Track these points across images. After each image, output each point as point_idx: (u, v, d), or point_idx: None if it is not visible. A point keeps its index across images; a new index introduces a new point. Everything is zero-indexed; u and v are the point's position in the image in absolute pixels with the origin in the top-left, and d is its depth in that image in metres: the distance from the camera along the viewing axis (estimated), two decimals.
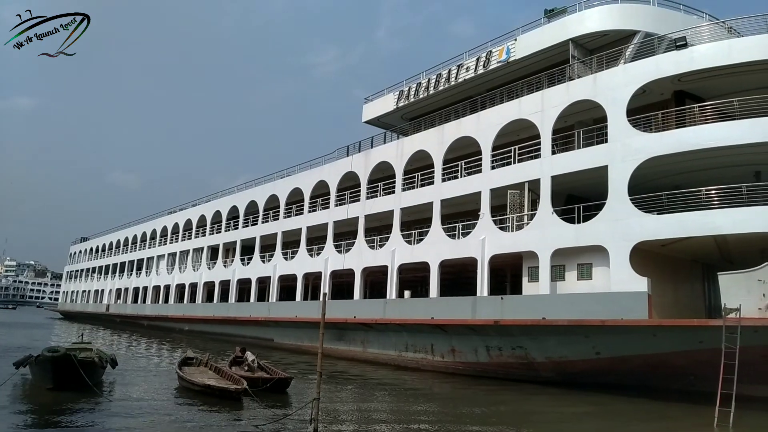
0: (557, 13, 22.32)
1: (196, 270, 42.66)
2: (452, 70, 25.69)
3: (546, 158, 20.16)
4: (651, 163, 17.44)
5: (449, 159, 24.22)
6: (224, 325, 36.98)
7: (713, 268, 18.10)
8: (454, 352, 21.81)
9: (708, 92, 18.69)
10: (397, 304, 24.46)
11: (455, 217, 24.10)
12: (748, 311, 14.14)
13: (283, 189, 34.72)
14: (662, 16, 20.50)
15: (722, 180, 16.93)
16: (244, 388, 13.61)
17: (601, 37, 21.10)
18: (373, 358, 25.31)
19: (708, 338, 14.59)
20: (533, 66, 22.88)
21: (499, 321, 19.39)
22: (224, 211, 40.81)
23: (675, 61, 17.82)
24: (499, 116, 22.24)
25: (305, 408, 11.19)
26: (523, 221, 20.61)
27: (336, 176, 30.39)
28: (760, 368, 14.15)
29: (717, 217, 16.09)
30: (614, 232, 17.57)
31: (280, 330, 31.72)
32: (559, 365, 18.84)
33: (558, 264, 19.17)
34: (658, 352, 16.31)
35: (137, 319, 50.17)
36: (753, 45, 17.07)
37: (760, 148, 16.33)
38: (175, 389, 15.31)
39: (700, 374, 14.60)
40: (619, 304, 16.77)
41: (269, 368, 16.96)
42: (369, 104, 31.43)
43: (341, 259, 28.50)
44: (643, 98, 18.82)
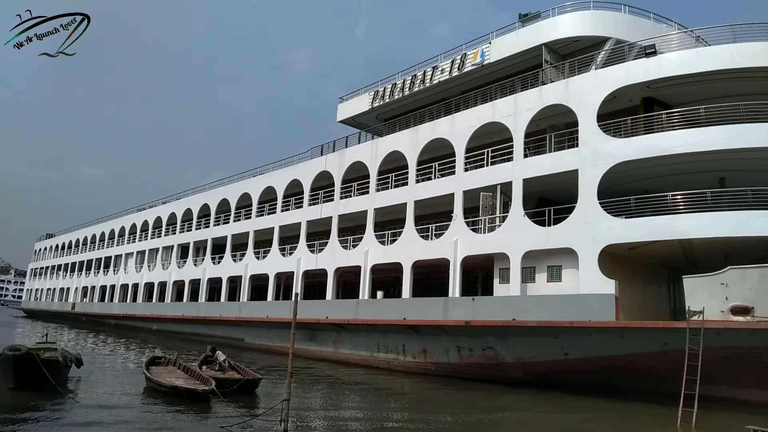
0: (531, 17, 22.58)
1: (166, 268, 41.99)
2: (427, 72, 25.80)
3: (518, 161, 20.39)
4: (620, 168, 17.78)
5: (423, 160, 24.32)
6: (194, 325, 36.46)
7: (679, 271, 18.55)
8: (426, 353, 21.90)
9: (676, 99, 19.13)
10: (370, 305, 24.45)
11: (429, 218, 24.21)
12: (711, 314, 14.51)
13: (256, 187, 34.41)
14: (633, 24, 20.91)
15: (688, 185, 17.35)
16: (212, 388, 13.43)
17: (573, 43, 21.43)
18: (345, 359, 25.25)
19: (673, 340, 14.93)
20: (507, 69, 23.11)
21: (471, 322, 19.53)
22: (195, 208, 40.26)
23: (644, 68, 18.20)
24: (473, 119, 22.41)
25: (275, 409, 11.11)
26: (495, 223, 20.81)
27: (310, 175, 30.24)
28: (722, 369, 14.55)
29: (683, 222, 16.48)
30: (583, 235, 17.86)
31: (251, 330, 31.42)
32: (528, 366, 19.07)
33: (528, 266, 19.40)
34: (624, 353, 16.63)
35: (104, 318, 49.15)
36: (719, 54, 17.53)
37: (724, 155, 16.78)
38: (142, 390, 15.03)
39: (665, 375, 14.94)
40: (587, 306, 17.05)
41: (240, 368, 16.78)
42: (344, 104, 31.35)
43: (314, 259, 28.37)
44: (614, 104, 19.17)
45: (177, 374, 16.18)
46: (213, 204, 38.27)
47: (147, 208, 49.45)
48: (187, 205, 41.59)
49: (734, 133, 16.38)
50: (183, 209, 41.92)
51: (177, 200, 44.46)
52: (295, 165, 32.32)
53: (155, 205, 48.27)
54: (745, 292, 14.65)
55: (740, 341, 14.82)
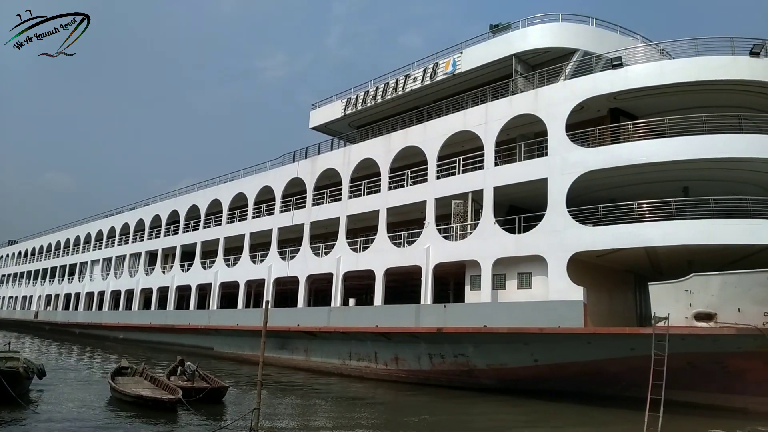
0: (502, 28, 22.93)
1: (133, 276, 41.14)
2: (400, 80, 25.95)
3: (489, 170, 20.61)
4: (588, 177, 18.12)
5: (396, 168, 24.40)
6: (162, 334, 35.75)
7: (644, 278, 18.94)
8: (398, 360, 21.89)
9: (641, 110, 19.61)
10: (342, 312, 24.35)
11: (401, 225, 24.26)
12: (676, 320, 14.86)
13: (227, 194, 34.02)
14: (600, 36, 21.40)
15: (653, 194, 17.77)
16: (179, 398, 13.19)
17: (542, 54, 21.82)
18: (316, 367, 25.07)
19: (639, 345, 15.22)
20: (478, 79, 23.40)
21: (442, 329, 19.61)
22: (164, 215, 39.59)
23: (611, 79, 18.62)
24: (445, 127, 22.60)
25: (244, 418, 10.97)
26: (467, 231, 20.97)
27: (281, 182, 30.05)
28: (686, 374, 14.89)
29: (648, 230, 16.86)
30: (552, 243, 18.13)
31: (221, 338, 30.97)
32: (499, 372, 19.22)
33: (499, 273, 19.59)
34: (592, 359, 16.90)
35: (68, 327, 47.84)
36: (683, 67, 18.04)
37: (688, 165, 17.25)
38: (107, 400, 14.70)
39: (632, 380, 15.19)
40: (556, 313, 17.29)
41: (209, 377, 16.53)
42: (316, 110, 31.28)
43: (285, 266, 28.15)
44: (582, 114, 19.54)
45: (144, 384, 15.86)
46: (182, 210, 37.68)
47: (114, 214, 48.44)
48: (156, 212, 40.87)
49: (697, 144, 16.85)
50: (151, 215, 41.18)
51: (145, 206, 43.66)
52: (267, 171, 32.07)
53: (123, 211, 47.32)
54: (708, 299, 15.05)
55: (704, 347, 15.20)
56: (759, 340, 14.39)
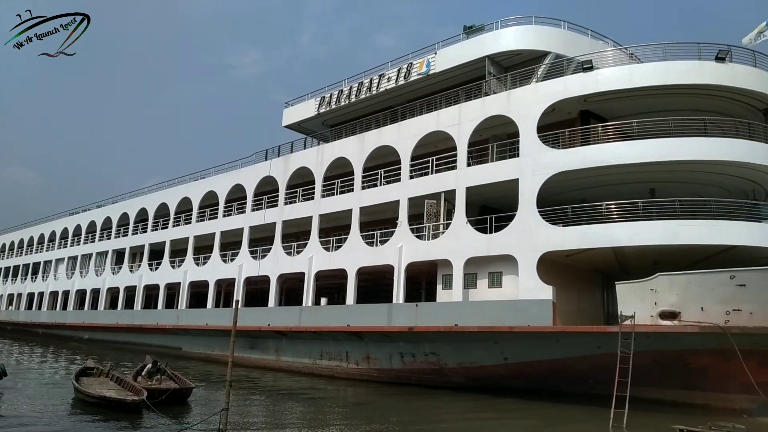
0: (475, 30, 23.08)
1: (99, 275, 40.24)
2: (374, 80, 25.91)
3: (462, 170, 20.74)
4: (558, 178, 18.36)
5: (369, 167, 24.36)
6: (129, 334, 35.05)
7: (612, 277, 19.26)
8: (369, 359, 21.86)
9: (610, 113, 19.96)
10: (313, 312, 24.21)
11: (374, 224, 24.23)
12: (641, 318, 15.18)
13: (197, 192, 33.50)
14: (571, 40, 21.70)
15: (621, 195, 18.11)
16: (142, 399, 12.91)
17: (515, 56, 22.03)
18: (287, 367, 24.88)
19: (606, 344, 15.50)
20: (452, 80, 23.51)
21: (414, 328, 19.65)
22: (132, 213, 38.79)
23: (581, 82, 18.90)
24: (419, 127, 22.65)
25: (212, 419, 10.81)
26: (439, 230, 21.05)
27: (253, 180, 29.73)
28: (651, 372, 15.19)
29: (616, 230, 17.17)
30: (523, 243, 18.32)
31: (190, 338, 30.49)
32: (469, 371, 19.34)
33: (470, 272, 19.72)
34: (561, 357, 17.13)
35: (31, 327, 46.54)
36: (651, 71, 18.42)
37: (654, 167, 17.63)
38: (71, 402, 14.32)
39: (599, 378, 15.46)
40: (526, 312, 17.47)
41: (178, 377, 16.25)
42: (290, 108, 31.04)
43: (256, 265, 27.87)
44: (553, 116, 19.79)
45: (109, 385, 15.52)
46: (151, 208, 36.99)
47: (81, 211, 47.30)
48: (124, 209, 40.04)
49: (664, 146, 17.23)
50: (119, 213, 40.33)
51: (113, 204, 42.74)
52: (238, 169, 31.69)
53: (89, 208, 46.23)
54: (672, 298, 15.39)
55: (668, 345, 15.54)
56: (721, 339, 14.76)
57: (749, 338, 14.67)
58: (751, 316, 14.70)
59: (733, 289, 14.79)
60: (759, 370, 14.86)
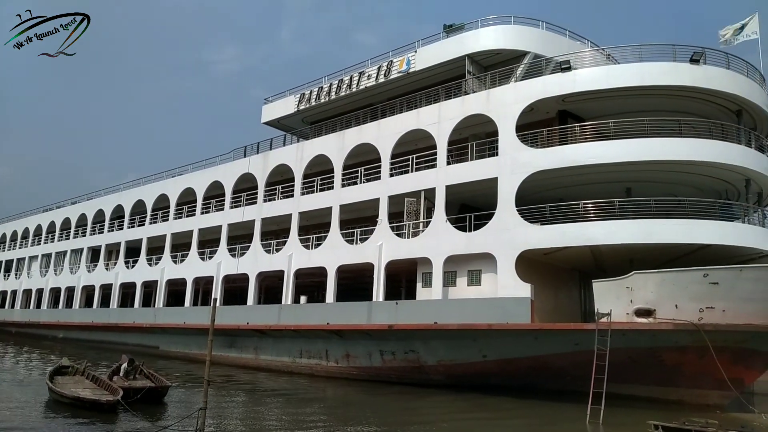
0: (456, 29, 23.15)
1: (74, 272, 39.57)
2: (354, 77, 25.84)
3: (441, 168, 20.81)
4: (536, 177, 18.53)
5: (349, 165, 24.31)
6: (105, 333, 34.54)
7: (589, 275, 19.53)
8: (349, 357, 21.85)
9: (588, 113, 20.20)
10: (293, 310, 24.11)
11: (354, 222, 24.20)
12: (617, 316, 15.41)
13: (174, 189, 33.10)
14: (550, 40, 21.89)
15: (598, 195, 18.34)
16: (117, 399, 12.73)
17: (494, 55, 22.15)
18: (266, 365, 24.74)
19: (583, 341, 15.71)
20: (432, 78, 23.55)
21: (394, 326, 19.69)
22: (108, 210, 38.18)
23: (559, 82, 19.08)
24: (399, 125, 22.66)
25: (190, 418, 10.71)
26: (419, 228, 21.10)
27: (232, 177, 29.47)
28: (627, 368, 15.44)
29: (592, 229, 17.39)
30: (502, 241, 18.46)
31: (167, 337, 30.15)
32: (448, 368, 19.44)
33: (450, 270, 19.81)
34: (539, 355, 17.31)
35: (4, 326, 45.56)
36: (627, 72, 18.68)
37: (631, 167, 17.89)
38: (45, 402, 14.06)
39: (576, 375, 15.66)
40: (504, 309, 17.62)
41: (155, 376, 16.05)
42: (269, 105, 30.79)
43: (235, 263, 27.65)
44: (531, 115, 19.94)
45: (84, 384, 15.27)
46: (127, 205, 36.45)
47: (54, 208, 46.40)
48: (99, 206, 39.39)
49: (639, 146, 17.49)
50: (94, 210, 39.67)
51: (88, 200, 42.03)
52: (217, 166, 31.38)
53: (64, 205, 45.38)
54: (647, 296, 15.65)
55: (643, 342, 15.82)
56: (694, 336, 15.07)
57: (722, 335, 15.00)
58: (724, 314, 15.03)
59: (706, 287, 15.10)
60: (731, 367, 15.22)
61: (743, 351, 15.52)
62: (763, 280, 15.15)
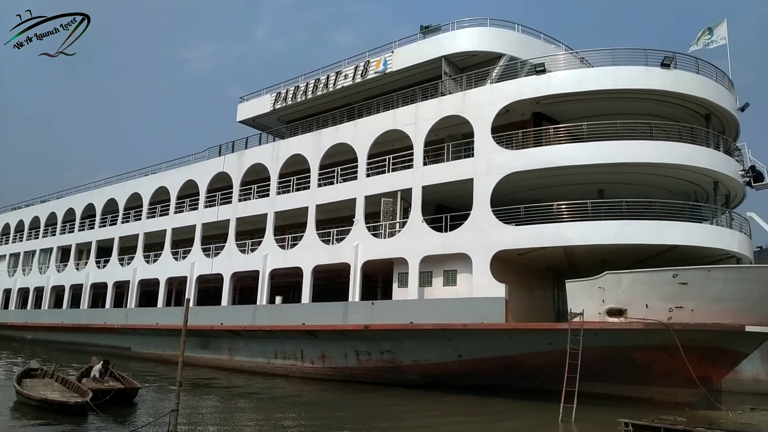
0: (432, 30, 23.22)
1: (44, 273, 38.69)
2: (331, 77, 25.73)
3: (418, 169, 20.86)
4: (511, 178, 18.70)
5: (326, 164, 24.22)
6: (75, 334, 33.82)
7: (562, 276, 19.77)
8: (324, 358, 21.77)
9: (562, 115, 20.45)
10: (268, 310, 23.92)
11: (330, 222, 24.12)
12: (589, 315, 15.64)
13: (147, 187, 32.59)
14: (525, 43, 22.10)
15: (571, 196, 18.59)
16: (86, 401, 12.48)
17: (470, 57, 22.28)
18: (241, 366, 24.52)
19: (556, 340, 15.91)
20: (408, 79, 23.58)
21: (369, 326, 19.68)
22: (79, 208, 37.41)
23: (534, 84, 19.28)
24: (375, 125, 22.66)
25: (161, 420, 10.55)
26: (395, 229, 21.13)
27: (206, 176, 29.12)
28: (599, 367, 15.68)
29: (566, 230, 17.61)
30: (477, 241, 18.58)
31: (139, 338, 29.68)
32: (424, 368, 19.50)
33: (426, 270, 19.88)
34: (513, 354, 17.48)
35: None
36: (600, 75, 18.97)
37: (603, 169, 18.17)
38: (11, 405, 13.71)
39: (550, 373, 15.84)
40: (479, 309, 17.74)
41: (125, 378, 15.77)
42: (244, 104, 30.48)
43: (209, 263, 27.33)
44: (507, 117, 20.11)
45: (53, 387, 14.94)
46: (99, 204, 35.76)
47: (23, 206, 45.30)
48: (70, 205, 38.58)
49: (612, 148, 17.76)
50: (65, 209, 38.85)
51: (58, 199, 41.15)
52: (191, 165, 30.97)
53: (33, 203, 44.33)
54: (619, 296, 15.90)
55: (615, 341, 16.07)
56: (664, 335, 15.37)
57: (691, 334, 15.33)
58: (693, 313, 15.36)
59: (675, 287, 15.40)
60: (700, 365, 15.56)
61: (711, 350, 15.90)
62: (731, 281, 15.52)
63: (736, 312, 15.27)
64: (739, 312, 15.28)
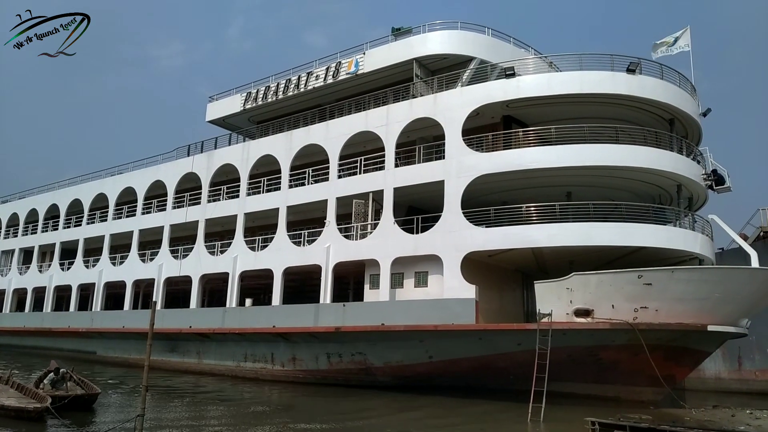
0: (403, 32, 23.26)
1: (5, 275, 37.50)
2: (302, 77, 25.57)
3: (389, 170, 20.89)
4: (481, 180, 18.87)
5: (297, 165, 24.07)
6: (37, 338, 32.93)
7: (531, 277, 20.02)
8: (295, 361, 21.62)
9: (531, 119, 20.72)
10: (238, 313, 23.64)
11: (301, 224, 23.96)
12: (558, 316, 15.89)
13: (113, 188, 31.91)
14: (495, 46, 22.32)
15: (540, 198, 18.83)
16: (46, 406, 12.14)
17: (441, 60, 22.39)
18: (210, 370, 24.18)
19: (525, 341, 16.10)
20: (380, 81, 23.59)
21: (341, 328, 19.62)
22: (42, 209, 36.42)
23: (504, 88, 19.48)
24: (347, 127, 22.61)
25: (127, 426, 10.32)
26: (367, 230, 21.11)
27: (175, 177, 28.65)
28: (567, 367, 15.92)
29: (535, 232, 17.85)
30: (448, 243, 18.69)
31: (105, 342, 29.04)
32: (395, 370, 19.52)
33: (397, 272, 19.91)
34: (483, 355, 17.63)
35: None
36: (567, 80, 19.26)
37: (571, 171, 18.47)
38: None
39: (519, 374, 16.02)
40: (450, 310, 17.85)
41: (86, 383, 15.38)
42: (214, 103, 30.06)
43: (177, 265, 26.88)
44: (477, 120, 20.28)
45: (9, 393, 14.46)
46: (63, 204, 34.87)
47: None
48: (33, 205, 37.54)
49: (579, 152, 18.07)
50: (27, 209, 37.78)
51: (20, 199, 39.99)
52: (159, 165, 30.43)
53: None
54: (586, 296, 16.18)
55: (582, 341, 16.35)
56: (630, 334, 15.70)
57: (655, 334, 15.69)
58: (657, 313, 15.72)
59: (640, 287, 15.74)
60: (664, 364, 15.94)
61: (675, 349, 16.29)
62: (694, 281, 15.93)
63: (698, 312, 15.69)
64: (701, 312, 15.70)
